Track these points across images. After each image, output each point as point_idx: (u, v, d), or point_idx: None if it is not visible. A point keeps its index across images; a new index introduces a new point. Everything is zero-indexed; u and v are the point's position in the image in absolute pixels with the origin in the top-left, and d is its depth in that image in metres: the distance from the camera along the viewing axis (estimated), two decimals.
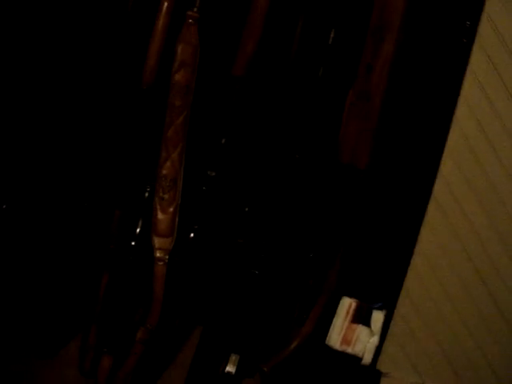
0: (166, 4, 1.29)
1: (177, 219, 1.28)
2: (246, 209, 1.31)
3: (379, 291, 1.38)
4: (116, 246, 1.27)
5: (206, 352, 1.36)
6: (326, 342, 1.34)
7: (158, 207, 1.29)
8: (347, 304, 1.34)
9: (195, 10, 1.25)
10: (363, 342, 1.35)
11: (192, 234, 1.29)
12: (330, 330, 1.33)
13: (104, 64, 1.37)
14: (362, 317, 1.34)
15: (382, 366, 1.72)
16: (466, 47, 1.28)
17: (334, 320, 1.34)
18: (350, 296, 1.34)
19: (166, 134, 1.29)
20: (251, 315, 1.31)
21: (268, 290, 1.32)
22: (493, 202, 1.60)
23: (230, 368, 1.29)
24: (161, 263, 1.26)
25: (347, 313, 1.34)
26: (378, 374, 1.60)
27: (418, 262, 1.67)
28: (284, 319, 1.32)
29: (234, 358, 1.30)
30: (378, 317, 1.35)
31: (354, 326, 1.34)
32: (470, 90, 1.55)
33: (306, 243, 1.30)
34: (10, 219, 1.32)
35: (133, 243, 1.26)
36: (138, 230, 1.28)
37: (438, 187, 1.62)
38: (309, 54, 1.29)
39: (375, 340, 1.37)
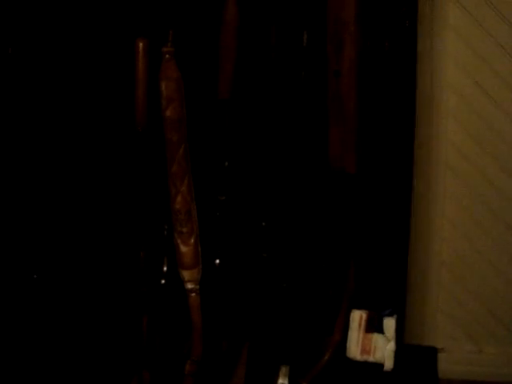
0: (141, 45, 1.37)
1: (199, 249, 1.35)
2: (263, 223, 1.38)
3: (384, 298, 1.45)
4: (147, 288, 1.35)
5: (256, 368, 1.43)
6: (347, 355, 1.43)
7: (179, 241, 1.36)
8: (358, 316, 1.42)
9: (169, 44, 1.32)
10: (382, 349, 1.42)
11: (218, 260, 1.36)
12: (348, 343, 1.42)
13: (97, 113, 1.44)
14: (374, 325, 1.42)
15: (437, 341, 1.78)
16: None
17: (349, 333, 1.42)
18: (358, 308, 1.42)
19: (170, 170, 1.37)
20: (288, 326, 1.38)
21: (296, 301, 1.38)
22: (504, 152, 1.64)
23: (283, 380, 1.36)
24: (193, 294, 1.33)
25: (359, 324, 1.42)
26: (435, 351, 1.65)
27: (448, 232, 1.72)
28: (315, 329, 1.39)
29: (284, 369, 1.37)
30: (389, 323, 1.42)
31: (370, 335, 1.42)
32: (457, 50, 1.60)
33: (321, 252, 1.36)
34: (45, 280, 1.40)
35: (162, 281, 1.34)
36: (164, 269, 1.36)
37: (450, 153, 1.67)
38: (287, 57, 1.35)
39: (392, 345, 1.43)
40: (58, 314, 1.38)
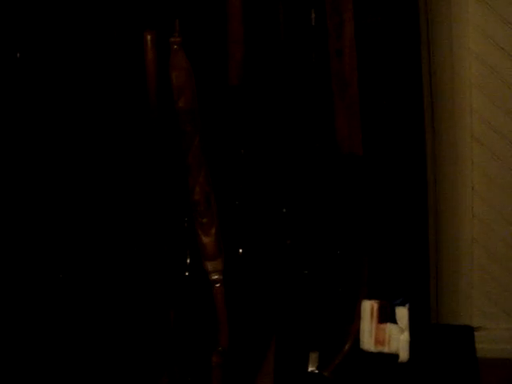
0: (149, 37, 1.37)
1: (221, 239, 1.35)
2: (284, 210, 1.37)
3: (396, 287, 1.42)
4: (172, 282, 1.36)
5: (285, 357, 1.42)
6: (361, 347, 1.39)
7: (200, 232, 1.36)
8: (369, 306, 1.38)
9: (176, 34, 1.32)
10: (397, 340, 1.38)
11: (241, 250, 1.36)
12: (361, 335, 1.38)
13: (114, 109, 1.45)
14: (387, 315, 1.38)
15: (473, 320, 1.76)
16: None
17: (362, 324, 1.38)
18: (375, 297, 1.38)
19: (186, 161, 1.37)
20: (312, 314, 1.36)
21: (318, 288, 1.37)
22: None
23: (313, 366, 1.35)
24: (218, 285, 1.33)
25: (371, 315, 1.38)
26: (471, 330, 1.63)
27: (477, 207, 1.69)
28: (335, 317, 1.37)
29: (313, 356, 1.35)
30: (402, 313, 1.38)
31: (383, 325, 1.37)
32: (478, 14, 1.56)
33: (339, 238, 1.35)
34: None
35: (186, 274, 1.34)
36: (188, 261, 1.36)
37: (475, 124, 1.63)
38: (296, 38, 1.33)
39: (406, 336, 1.39)
40: (86, 310, 1.40)
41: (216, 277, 1.35)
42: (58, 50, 1.41)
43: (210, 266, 1.36)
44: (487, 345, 1.72)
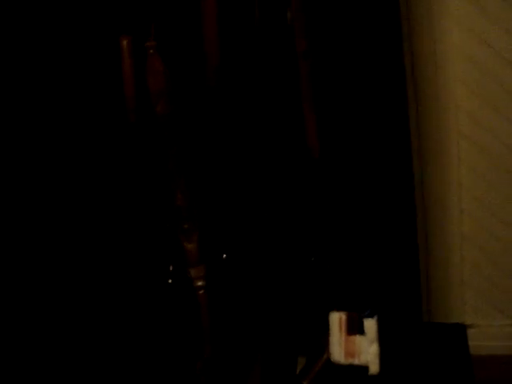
0: (125, 42, 1.37)
1: (204, 245, 1.35)
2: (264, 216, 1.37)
3: (363, 298, 1.41)
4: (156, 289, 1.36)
5: (272, 365, 1.43)
6: (331, 359, 1.38)
7: (183, 238, 1.36)
8: (337, 318, 1.38)
9: (151, 39, 1.32)
10: (366, 352, 1.38)
11: (224, 255, 1.36)
12: (331, 347, 1.37)
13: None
14: (355, 327, 1.38)
15: (465, 318, 1.76)
16: None
17: (331, 337, 1.38)
18: (337, 309, 1.38)
19: (167, 166, 1.37)
20: (293, 322, 1.37)
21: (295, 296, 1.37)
22: None
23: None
24: (201, 291, 1.33)
25: (340, 327, 1.38)
26: (463, 328, 1.63)
27: (467, 204, 1.69)
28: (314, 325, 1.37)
29: (302, 361, 1.36)
30: (370, 324, 1.37)
31: (352, 337, 1.37)
32: (460, 8, 1.56)
33: (314, 244, 1.35)
34: None
35: (169, 281, 1.35)
36: (171, 268, 1.36)
37: (462, 121, 1.64)
38: (272, 38, 1.32)
39: (375, 348, 1.38)
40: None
41: (199, 283, 1.36)
42: (35, 55, 1.41)
43: (193, 272, 1.36)
44: (480, 342, 1.73)
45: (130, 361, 1.41)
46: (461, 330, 1.66)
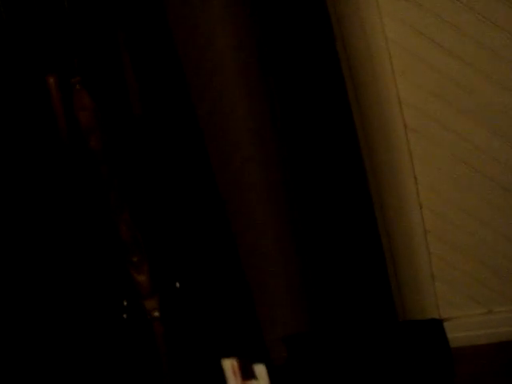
0: (51, 80, 1.38)
1: (155, 276, 1.35)
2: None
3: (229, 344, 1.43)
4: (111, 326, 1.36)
5: None
6: None
7: (133, 271, 1.36)
8: (229, 365, 1.41)
9: (75, 74, 1.33)
10: None
11: (178, 284, 1.36)
12: None
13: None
14: (249, 372, 1.41)
15: (440, 311, 1.75)
16: None
17: (228, 382, 1.40)
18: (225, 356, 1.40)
19: (110, 200, 1.37)
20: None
21: None
22: (458, 94, 1.59)
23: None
24: (157, 322, 1.33)
25: (234, 373, 1.41)
26: (440, 322, 1.62)
27: (429, 200, 1.68)
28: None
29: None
30: (260, 369, 1.41)
31: (248, 382, 1.40)
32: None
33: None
34: None
35: (124, 316, 1.34)
36: (125, 303, 1.36)
37: (407, 113, 1.62)
38: None
39: None
40: None
41: (155, 314, 1.36)
42: None
43: (147, 304, 1.37)
44: (458, 334, 1.72)
45: None
46: (437, 324, 1.65)
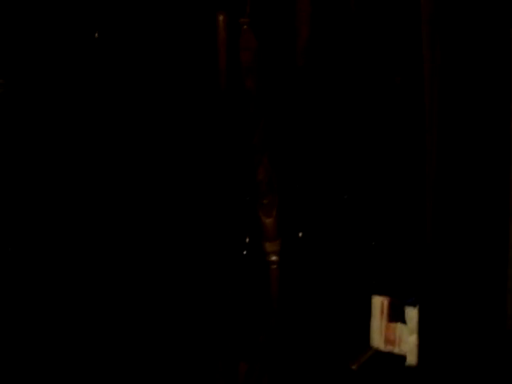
0: (221, 18, 1.45)
1: (281, 221, 1.40)
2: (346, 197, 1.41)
3: (408, 284, 1.38)
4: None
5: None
6: (371, 344, 1.36)
7: (261, 213, 1.42)
8: (379, 303, 1.37)
9: (246, 16, 1.39)
10: (406, 342, 1.35)
11: (300, 234, 1.41)
12: (371, 331, 1.36)
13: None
14: (397, 314, 1.36)
15: None
16: None
17: (372, 321, 1.36)
18: (379, 293, 1.37)
19: (252, 141, 1.43)
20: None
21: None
22: None
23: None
24: (274, 266, 1.39)
25: (382, 312, 1.37)
26: None
27: None
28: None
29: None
30: (412, 314, 1.35)
31: (393, 325, 1.36)
32: None
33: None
34: None
35: (244, 252, 1.41)
36: (247, 240, 1.42)
37: None
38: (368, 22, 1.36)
39: (414, 339, 1.35)
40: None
41: (273, 258, 1.41)
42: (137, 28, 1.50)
43: (268, 246, 1.42)
44: None
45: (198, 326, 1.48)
46: None
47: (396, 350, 1.36)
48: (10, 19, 1.46)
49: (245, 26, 1.40)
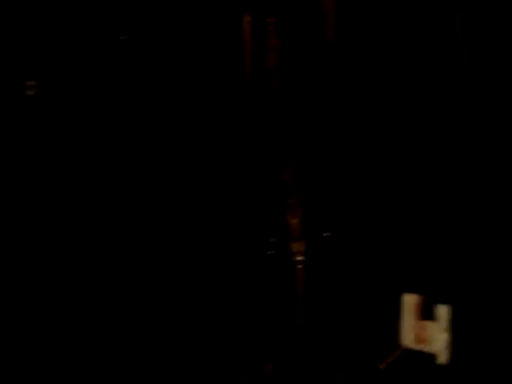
0: (247, 19, 1.47)
1: (307, 221, 1.41)
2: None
3: (439, 282, 1.36)
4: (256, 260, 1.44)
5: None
6: (401, 343, 1.35)
7: (288, 213, 1.43)
8: (411, 300, 1.35)
9: (271, 16, 1.40)
10: (437, 340, 1.33)
11: (325, 234, 1.41)
12: (401, 330, 1.35)
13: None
14: (428, 312, 1.35)
15: None
16: None
17: (402, 319, 1.35)
18: (409, 291, 1.35)
19: (278, 141, 1.44)
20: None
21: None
22: None
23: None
24: (300, 266, 1.39)
25: (412, 310, 1.35)
26: None
27: None
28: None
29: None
30: (443, 312, 1.33)
31: (424, 323, 1.34)
32: None
33: None
34: None
35: (269, 252, 1.41)
36: (273, 240, 1.43)
37: None
38: None
39: (446, 337, 1.33)
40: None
41: (299, 258, 1.42)
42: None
43: (294, 246, 1.43)
44: None
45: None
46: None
47: (427, 349, 1.34)
48: (42, 23, 1.49)
49: (270, 27, 1.42)
